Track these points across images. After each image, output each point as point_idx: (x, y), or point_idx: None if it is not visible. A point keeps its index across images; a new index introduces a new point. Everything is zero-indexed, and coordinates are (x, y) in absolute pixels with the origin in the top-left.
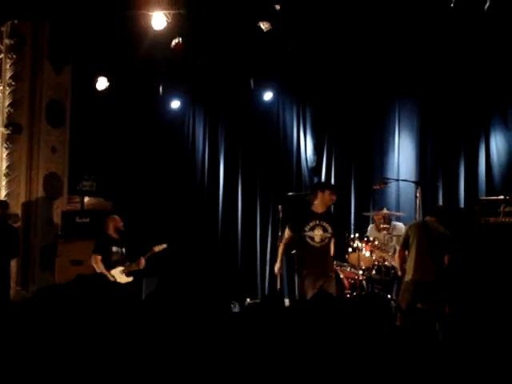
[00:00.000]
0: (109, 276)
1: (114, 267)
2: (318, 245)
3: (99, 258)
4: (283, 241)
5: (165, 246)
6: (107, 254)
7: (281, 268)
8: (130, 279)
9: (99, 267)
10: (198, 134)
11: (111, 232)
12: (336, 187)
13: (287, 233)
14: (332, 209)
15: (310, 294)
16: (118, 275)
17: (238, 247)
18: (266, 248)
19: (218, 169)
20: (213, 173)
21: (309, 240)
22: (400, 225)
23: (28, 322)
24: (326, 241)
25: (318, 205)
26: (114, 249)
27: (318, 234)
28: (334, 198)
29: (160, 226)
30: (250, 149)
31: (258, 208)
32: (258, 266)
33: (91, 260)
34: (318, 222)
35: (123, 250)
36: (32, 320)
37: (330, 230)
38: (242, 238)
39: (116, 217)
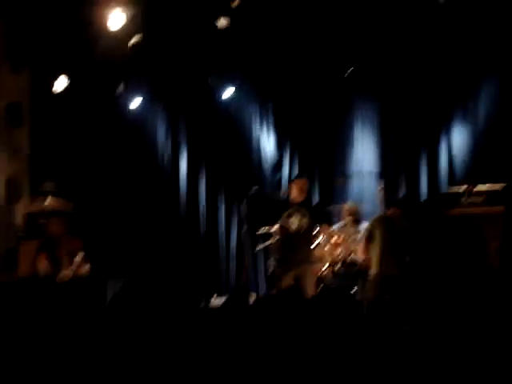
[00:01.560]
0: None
1: (59, 269)
2: (295, 231)
3: (44, 258)
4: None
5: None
6: (53, 255)
7: None
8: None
9: (45, 267)
10: (159, 131)
11: (53, 234)
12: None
13: (275, 228)
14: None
15: (284, 281)
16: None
17: (202, 245)
18: (230, 245)
19: (179, 167)
20: (175, 171)
21: (286, 227)
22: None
23: None
24: (305, 227)
25: (294, 195)
26: (57, 251)
27: (295, 219)
28: (304, 182)
29: (122, 226)
30: (212, 146)
31: (223, 205)
32: (224, 263)
33: (36, 261)
34: (295, 208)
35: None
36: None
37: (308, 215)
38: (206, 236)
39: (57, 218)
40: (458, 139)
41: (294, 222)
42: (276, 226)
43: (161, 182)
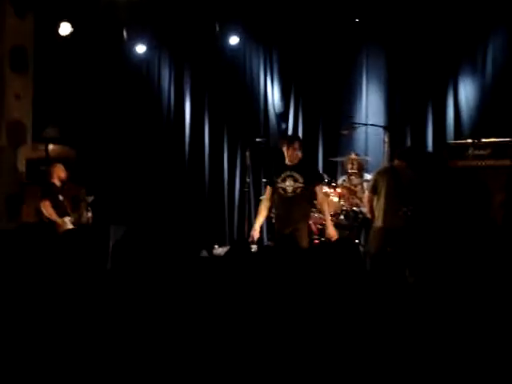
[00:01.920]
0: (60, 222)
1: (64, 215)
2: (290, 195)
3: (48, 203)
4: (264, 200)
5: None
6: (56, 202)
7: (257, 233)
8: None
9: (50, 213)
10: (163, 78)
11: (55, 181)
12: (300, 137)
13: (267, 190)
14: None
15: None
16: (68, 224)
17: (206, 193)
18: (234, 194)
19: (183, 114)
20: (179, 118)
21: (281, 191)
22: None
23: None
24: (299, 191)
25: (288, 157)
26: (61, 197)
27: (289, 184)
28: (296, 147)
29: (125, 175)
30: (216, 94)
31: (226, 154)
32: (226, 212)
33: (41, 206)
34: (288, 172)
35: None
36: None
37: (301, 179)
38: (210, 185)
39: (60, 165)
40: (466, 92)
41: (289, 187)
42: (268, 191)
43: (165, 128)
